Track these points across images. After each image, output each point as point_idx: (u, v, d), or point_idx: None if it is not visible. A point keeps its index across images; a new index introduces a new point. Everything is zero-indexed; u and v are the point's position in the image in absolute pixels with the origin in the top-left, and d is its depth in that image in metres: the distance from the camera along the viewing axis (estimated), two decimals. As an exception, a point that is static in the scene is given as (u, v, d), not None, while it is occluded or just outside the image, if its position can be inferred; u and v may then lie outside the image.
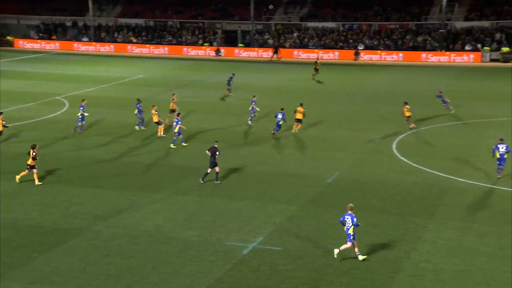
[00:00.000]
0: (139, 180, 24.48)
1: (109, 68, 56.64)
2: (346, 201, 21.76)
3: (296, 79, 50.02)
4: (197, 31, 70.38)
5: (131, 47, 69.02)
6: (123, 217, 20.63)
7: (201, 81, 48.44)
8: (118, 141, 30.34)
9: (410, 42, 62.53)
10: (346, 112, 37.04)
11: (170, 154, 28.25)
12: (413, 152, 28.11)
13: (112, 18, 75.52)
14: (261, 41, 67.41)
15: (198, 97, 42.23)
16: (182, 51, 67.38)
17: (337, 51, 63.17)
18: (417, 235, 18.97)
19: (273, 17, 71.02)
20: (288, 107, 38.38)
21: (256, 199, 22.18)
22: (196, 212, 21.05)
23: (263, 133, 31.94)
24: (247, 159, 27.31)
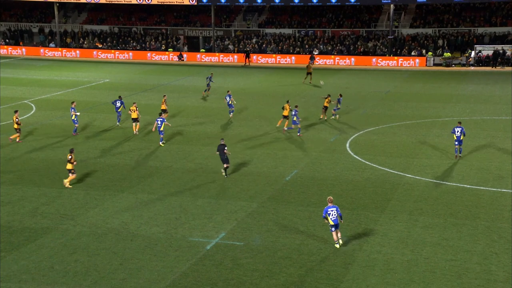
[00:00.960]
0: (105, 180, 24.05)
1: (75, 73, 55.53)
2: (304, 197, 21.96)
3: (255, 82, 50.06)
4: (160, 37, 69.74)
5: (96, 52, 67.86)
6: (90, 215, 20.23)
7: (165, 85, 47.96)
8: (84, 142, 29.74)
9: (361, 48, 63.41)
10: (303, 113, 37.25)
11: (133, 154, 27.85)
12: (365, 150, 28.47)
13: (77, 25, 74.14)
14: (221, 46, 67.26)
15: (169, 101, 41.73)
16: (146, 56, 66.64)
17: (294, 56, 63.53)
18: (369, 228, 19.21)
19: (233, 24, 70.97)
20: (250, 108, 38.41)
21: (219, 197, 22.08)
22: (161, 210, 20.81)
23: (225, 133, 31.81)
24: (209, 159, 27.15)
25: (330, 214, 17.60)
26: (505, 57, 56.81)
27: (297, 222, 19.71)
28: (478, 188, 22.80)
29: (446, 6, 65.63)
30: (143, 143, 30.05)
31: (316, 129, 32.89)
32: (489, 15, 63.17)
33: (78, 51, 68.41)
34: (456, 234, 18.62)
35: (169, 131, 32.48)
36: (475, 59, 58.17)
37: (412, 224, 19.47)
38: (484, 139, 30.00)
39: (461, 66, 58.06)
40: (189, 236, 18.65)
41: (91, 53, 67.92)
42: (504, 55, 56.99)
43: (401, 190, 22.77)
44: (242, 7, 71.40)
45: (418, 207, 21.00)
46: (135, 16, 74.09)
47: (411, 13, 67.29)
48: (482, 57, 58.00)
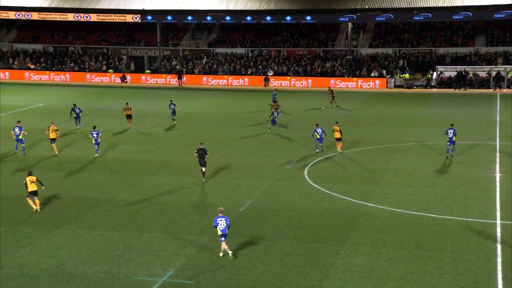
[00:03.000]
0: (38, 214, 23.41)
1: (5, 96, 54.26)
2: (259, 230, 21.97)
3: (205, 105, 50.17)
4: (100, 57, 69.21)
5: (28, 73, 66.73)
6: (20, 255, 19.60)
7: (107, 109, 47.43)
8: (12, 173, 28.91)
9: (318, 68, 64.67)
10: (256, 138, 37.49)
11: (71, 184, 27.28)
12: (324, 178, 28.81)
13: (6, 43, 72.77)
14: (168, 67, 67.29)
15: (102, 126, 41.25)
16: (86, 78, 65.96)
17: (247, 77, 64.17)
18: (330, 262, 19.35)
19: (180, 43, 71.21)
20: (200, 133, 38.38)
21: (166, 231, 21.84)
22: (102, 247, 20.40)
23: (170, 162, 31.63)
24: (155, 190, 26.88)
25: (219, 224, 19.30)
26: (467, 79, 59.06)
27: (252, 257, 19.67)
28: (443, 218, 23.37)
29: (406, 25, 67.97)
30: (81, 172, 29.50)
31: (271, 155, 33.12)
32: (450, 34, 65.78)
33: (8, 72, 67.07)
34: (422, 267, 18.97)
35: (111, 159, 32.02)
36: (436, 80, 60.23)
37: (375, 257, 19.73)
38: (449, 165, 30.91)
39: (422, 88, 59.94)
40: (134, 275, 18.32)
41: (23, 74, 66.70)
42: (466, 76, 59.25)
43: (363, 221, 23.09)
44: (190, 25, 71.88)
45: (381, 238, 21.33)
46: (72, 34, 73.39)
47: (370, 32, 69.30)
48: (444, 79, 60.12)
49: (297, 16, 63.31)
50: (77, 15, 65.92)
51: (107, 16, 66.09)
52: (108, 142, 36.23)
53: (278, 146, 35.30)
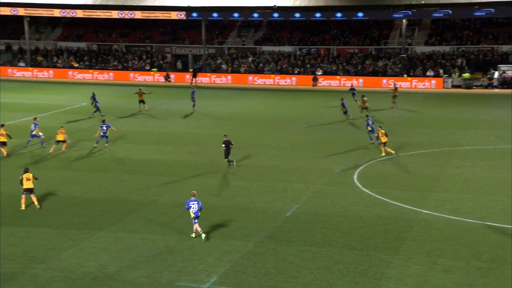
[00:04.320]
0: (80, 217, 23.98)
1: (48, 95, 55.80)
2: (306, 236, 21.93)
3: (251, 106, 50.38)
4: (144, 56, 70.33)
5: (72, 72, 68.36)
6: (63, 258, 20.11)
7: (150, 109, 48.17)
8: (55, 175, 29.69)
9: (370, 67, 64.07)
10: (305, 140, 37.43)
11: (113, 186, 27.83)
12: (376, 183, 28.53)
13: (51, 42, 74.70)
14: (213, 66, 67.87)
15: (146, 127, 41.98)
16: (129, 77, 67.13)
17: (295, 76, 64.10)
18: (381, 271, 19.14)
19: (226, 41, 71.72)
20: (245, 135, 38.58)
21: (210, 236, 22.02)
22: (144, 250, 20.73)
23: (215, 163, 31.89)
24: (198, 193, 27.04)
25: (191, 207, 21.29)
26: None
27: (299, 264, 19.65)
28: (504, 227, 22.81)
29: (466, 21, 66.60)
30: (124, 174, 30.06)
31: (319, 158, 33.00)
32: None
33: (52, 71, 68.88)
34: (481, 280, 18.54)
35: (153, 161, 32.53)
36: (498, 80, 58.78)
37: (430, 268, 19.41)
38: (510, 170, 30.14)
39: (483, 88, 58.62)
40: (177, 281, 18.54)
41: (66, 73, 68.39)
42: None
43: (417, 228, 22.76)
44: (236, 22, 72.30)
45: (436, 247, 20.97)
46: (116, 32, 74.81)
47: (426, 29, 68.23)
48: (507, 78, 58.61)
49: (348, 13, 62.85)
50: (121, 13, 67.19)
51: (151, 13, 67.17)
52: (151, 143, 36.81)
53: (326, 149, 35.14)
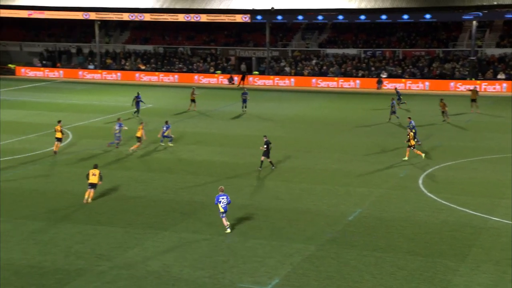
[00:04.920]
0: (145, 216, 24.48)
1: (116, 97, 57.26)
2: (369, 241, 21.64)
3: (314, 108, 50.17)
4: (209, 58, 71.19)
5: (139, 74, 69.91)
6: (128, 256, 20.57)
7: (214, 111, 48.72)
8: (122, 174, 30.40)
9: (437, 70, 62.65)
10: (369, 144, 36.96)
11: (177, 186, 28.28)
12: (442, 188, 27.87)
13: (119, 45, 76.68)
14: (277, 68, 67.99)
15: (210, 128, 42.46)
16: (193, 79, 68.05)
17: (359, 79, 63.43)
18: (447, 279, 18.66)
19: (290, 43, 71.72)
20: (308, 138, 38.45)
21: (272, 238, 22.06)
22: (207, 251, 20.96)
23: (277, 166, 31.91)
24: (261, 195, 27.23)
25: (221, 202, 21.98)
26: None
27: (361, 269, 19.41)
28: None
29: (540, 22, 64.20)
30: (188, 175, 30.50)
31: (383, 162, 32.52)
32: None
33: (119, 73, 70.66)
34: (553, 290, 17.83)
35: (217, 162, 32.85)
36: None
37: (500, 277, 18.79)
38: None
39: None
40: (238, 282, 18.65)
41: (133, 75, 70.03)
42: None
43: (485, 236, 22.08)
44: (300, 24, 72.19)
45: (506, 256, 20.29)
46: (182, 35, 76.07)
47: (498, 31, 66.13)
48: None
49: (415, 15, 61.66)
50: (187, 16, 68.29)
51: (216, 16, 67.93)
52: (214, 144, 37.19)
53: (390, 153, 34.58)
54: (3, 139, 38.10)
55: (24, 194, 27.37)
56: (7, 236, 22.23)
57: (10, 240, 21.90)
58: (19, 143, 37.36)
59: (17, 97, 56.87)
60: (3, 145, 36.61)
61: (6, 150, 35.32)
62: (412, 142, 32.48)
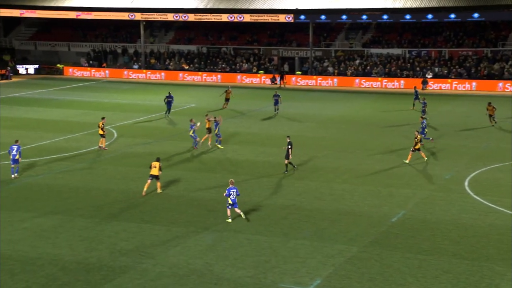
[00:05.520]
0: (187, 215, 24.71)
1: (160, 96, 57.88)
2: (413, 243, 21.35)
3: (357, 109, 49.77)
4: (252, 58, 71.35)
5: (182, 74, 70.59)
6: (171, 254, 20.80)
7: (256, 111, 48.82)
8: (163, 173, 30.70)
9: (485, 70, 61.34)
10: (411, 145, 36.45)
11: (219, 187, 28.44)
12: (489, 190, 27.29)
13: (164, 45, 77.60)
14: (320, 68, 67.69)
15: (252, 128, 42.56)
16: (236, 79, 68.34)
17: (403, 79, 62.62)
18: (495, 284, 18.27)
19: (333, 43, 71.31)
20: (350, 138, 38.17)
21: (313, 238, 21.98)
22: (249, 250, 21.02)
23: (318, 166, 31.78)
24: (303, 195, 27.17)
25: (231, 195, 23.29)
26: None
27: (405, 272, 19.16)
28: None
29: None
30: (229, 174, 30.65)
31: (428, 163, 32.02)
32: None
33: (163, 73, 71.50)
34: None
35: (259, 162, 32.90)
36: None
37: (549, 282, 18.30)
38: None
39: None
40: (280, 282, 18.65)
41: (177, 75, 70.75)
42: None
43: (534, 240, 21.52)
44: (344, 24, 71.70)
45: (555, 261, 19.73)
46: (225, 35, 76.48)
47: (547, 29, 64.37)
48: None
49: (463, 14, 60.46)
50: (230, 16, 68.65)
51: (260, 16, 68.03)
52: (256, 144, 37.25)
53: (435, 154, 34.03)
54: (50, 138, 39.05)
55: (71, 191, 27.97)
56: (55, 233, 22.76)
57: (58, 236, 22.41)
58: (65, 142, 38.21)
59: (65, 97, 58.17)
60: (51, 144, 37.52)
61: (53, 148, 36.18)
62: (418, 145, 31.82)
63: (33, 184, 29.22)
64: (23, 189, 28.47)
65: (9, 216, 24.56)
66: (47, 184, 29.16)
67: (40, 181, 29.75)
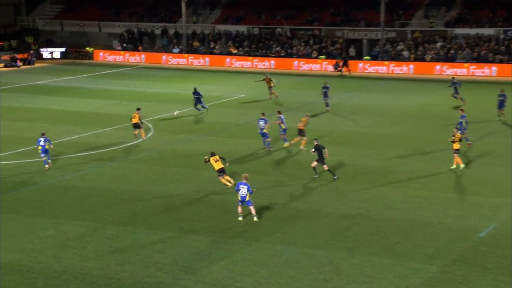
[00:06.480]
0: (233, 224, 24.82)
1: (203, 85, 58.36)
2: (506, 263, 20.87)
3: (438, 100, 48.99)
4: (311, 41, 71.09)
5: (230, 60, 70.94)
6: (214, 270, 20.93)
7: (314, 103, 48.63)
8: (206, 175, 30.92)
9: None
10: (505, 145, 35.68)
11: (271, 191, 28.46)
12: None
13: (208, 25, 78.04)
14: (393, 53, 66.95)
15: (310, 123, 42.36)
16: (292, 65, 68.23)
17: (495, 65, 61.34)
18: None
19: (409, 22, 70.39)
20: (429, 136, 37.59)
21: (383, 255, 21.79)
22: (306, 267, 20.98)
23: (390, 169, 31.43)
24: (370, 202, 26.95)
25: (240, 190, 24.50)
26: None
27: (494, 298, 18.80)
28: None
29: None
30: (283, 176, 30.62)
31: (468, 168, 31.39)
32: None
33: (208, 58, 72.03)
34: None
35: (342, 166, 32.74)
36: None
37: None
38: None
39: None
40: (343, 306, 18.55)
41: (223, 60, 71.16)
42: None
43: None
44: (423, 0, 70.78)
45: None
46: (281, 13, 76.41)
47: None
48: None
49: None
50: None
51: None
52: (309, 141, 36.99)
53: (534, 156, 33.24)
54: (78, 132, 39.84)
55: (100, 194, 28.49)
56: (82, 242, 23.21)
57: (85, 246, 22.85)
58: (95, 137, 38.94)
59: (95, 85, 59.34)
60: (79, 139, 38.29)
61: (81, 145, 36.91)
62: (457, 145, 30.77)
63: (58, 186, 29.91)
64: (47, 191, 29.18)
65: (30, 222, 25.21)
66: (74, 186, 29.80)
67: (66, 182, 30.43)
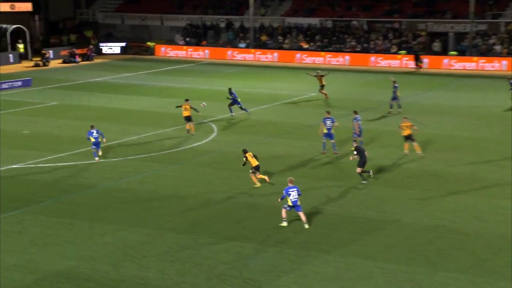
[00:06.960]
0: (302, 234, 24.77)
1: (271, 83, 58.57)
2: None
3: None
4: (391, 34, 70.44)
5: (300, 55, 71.01)
6: (282, 283, 20.94)
7: (394, 102, 48.11)
8: (274, 180, 30.99)
9: None
10: None
11: (345, 198, 28.30)
12: None
13: (278, 18, 78.22)
14: (483, 47, 65.69)
15: (388, 125, 41.97)
16: (369, 61, 67.80)
17: None
18: None
19: (503, 13, 68.90)
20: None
21: (471, 272, 21.40)
22: (382, 283, 20.79)
23: (480, 177, 30.85)
24: (456, 213, 26.50)
25: (290, 195, 24.71)
26: None
27: None
28: None
29: None
30: (359, 184, 30.41)
31: None
32: None
33: (276, 53, 72.24)
34: None
35: (402, 169, 32.42)
36: None
37: None
38: None
39: None
40: (423, 327, 18.30)
41: (293, 56, 71.25)
42: None
43: None
44: (519, -13, 69.33)
45: None
46: (357, 4, 76.10)
47: None
48: None
49: None
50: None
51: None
52: (398, 146, 36.62)
53: None
54: (137, 132, 40.49)
55: (161, 199, 28.86)
56: (141, 250, 23.55)
57: (145, 254, 23.17)
58: (155, 137, 39.50)
59: (155, 82, 60.25)
60: (138, 140, 38.92)
61: (140, 146, 37.49)
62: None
63: (116, 190, 30.45)
64: (105, 195, 29.74)
65: (88, 227, 25.73)
66: (133, 190, 30.28)
67: (125, 186, 30.95)
